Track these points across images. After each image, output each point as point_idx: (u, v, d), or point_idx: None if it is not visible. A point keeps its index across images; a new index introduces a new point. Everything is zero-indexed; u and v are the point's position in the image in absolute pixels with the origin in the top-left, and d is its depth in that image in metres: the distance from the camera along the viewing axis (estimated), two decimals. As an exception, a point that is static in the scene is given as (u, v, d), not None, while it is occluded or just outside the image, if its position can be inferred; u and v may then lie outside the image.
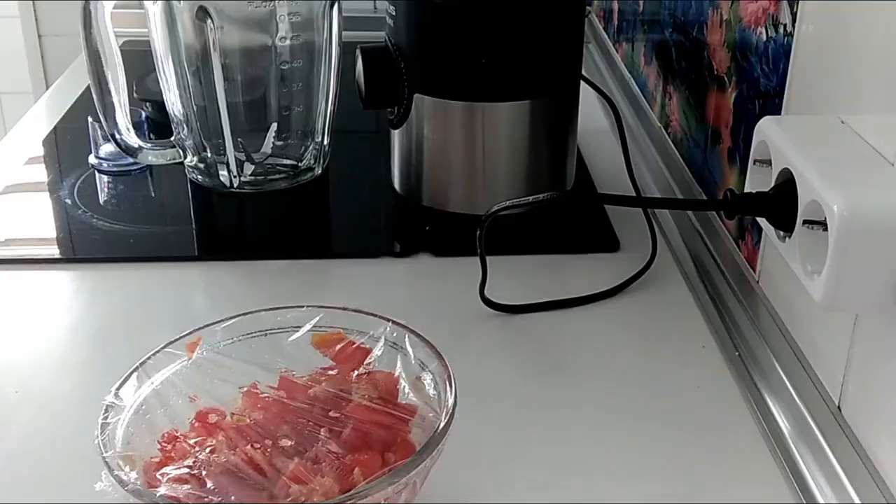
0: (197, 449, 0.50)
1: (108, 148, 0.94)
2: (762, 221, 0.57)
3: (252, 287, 0.77)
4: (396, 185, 0.89)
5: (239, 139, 0.84)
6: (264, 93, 0.85)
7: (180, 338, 0.56)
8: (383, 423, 0.52)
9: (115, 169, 0.95)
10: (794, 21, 0.64)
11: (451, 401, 0.51)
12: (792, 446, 0.59)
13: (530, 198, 0.73)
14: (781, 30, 0.66)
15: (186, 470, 0.49)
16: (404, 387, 0.54)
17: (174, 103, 0.85)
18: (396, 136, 0.87)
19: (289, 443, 0.51)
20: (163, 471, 0.49)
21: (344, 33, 0.86)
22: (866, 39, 0.54)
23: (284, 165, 0.88)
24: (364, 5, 1.41)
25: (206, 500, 0.47)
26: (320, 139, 0.88)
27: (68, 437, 0.60)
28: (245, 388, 0.55)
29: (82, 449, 0.51)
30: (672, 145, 0.94)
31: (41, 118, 1.10)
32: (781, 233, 0.55)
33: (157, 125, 1.01)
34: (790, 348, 0.63)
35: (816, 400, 0.59)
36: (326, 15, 0.84)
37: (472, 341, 0.70)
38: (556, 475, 0.58)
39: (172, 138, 0.87)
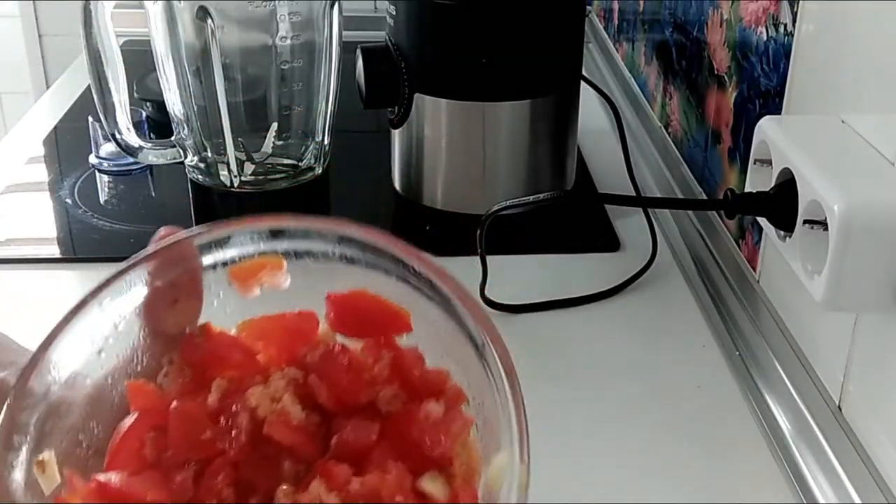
0: None
1: (108, 147, 0.94)
2: (762, 221, 0.57)
3: (252, 287, 0.77)
4: (397, 184, 0.89)
5: (239, 139, 0.84)
6: (265, 92, 0.85)
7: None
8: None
9: (115, 169, 0.95)
10: (794, 21, 0.64)
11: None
12: (792, 446, 0.59)
13: (530, 198, 0.73)
14: (782, 29, 0.66)
15: None
16: None
17: (174, 103, 0.85)
18: (397, 135, 0.87)
19: None
20: None
21: (344, 33, 0.86)
22: (866, 39, 0.54)
23: (285, 165, 0.88)
24: (364, 5, 1.41)
25: None
26: (321, 139, 0.88)
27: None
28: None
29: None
30: (672, 145, 0.94)
31: (41, 118, 1.10)
32: (782, 232, 0.55)
33: (157, 125, 1.01)
34: (790, 348, 0.63)
35: (816, 400, 0.59)
36: (327, 15, 0.84)
37: (472, 341, 0.70)
38: (555, 474, 0.58)
39: (173, 138, 0.87)
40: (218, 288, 0.37)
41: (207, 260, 0.36)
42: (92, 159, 0.96)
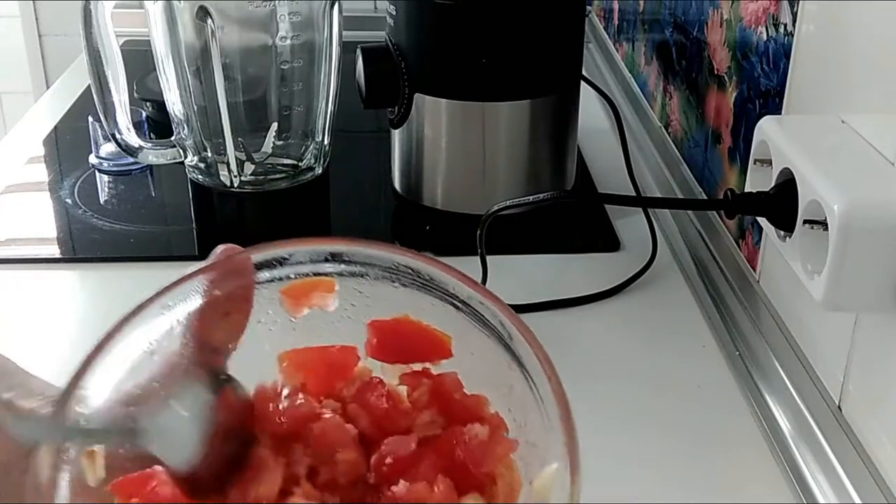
0: None
1: (108, 147, 0.94)
2: (762, 221, 0.57)
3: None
4: (396, 184, 0.89)
5: (239, 139, 0.84)
6: (264, 92, 0.85)
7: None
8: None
9: (115, 169, 0.95)
10: (794, 21, 0.64)
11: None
12: (792, 446, 0.59)
13: (530, 197, 0.73)
14: (782, 29, 0.66)
15: None
16: None
17: (174, 103, 0.85)
18: (397, 135, 0.87)
19: None
20: None
21: (344, 33, 0.86)
22: (866, 39, 0.54)
23: (285, 165, 0.88)
24: (364, 5, 1.41)
25: None
26: (321, 139, 0.88)
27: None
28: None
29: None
30: (672, 145, 0.94)
31: (41, 118, 1.10)
32: (782, 232, 0.55)
33: (157, 125, 1.01)
34: (790, 348, 0.63)
35: (816, 399, 0.59)
36: (326, 15, 0.84)
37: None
38: (556, 475, 0.58)
39: (173, 138, 0.87)
40: (267, 305, 0.38)
41: (260, 277, 0.37)
42: (92, 159, 0.96)
